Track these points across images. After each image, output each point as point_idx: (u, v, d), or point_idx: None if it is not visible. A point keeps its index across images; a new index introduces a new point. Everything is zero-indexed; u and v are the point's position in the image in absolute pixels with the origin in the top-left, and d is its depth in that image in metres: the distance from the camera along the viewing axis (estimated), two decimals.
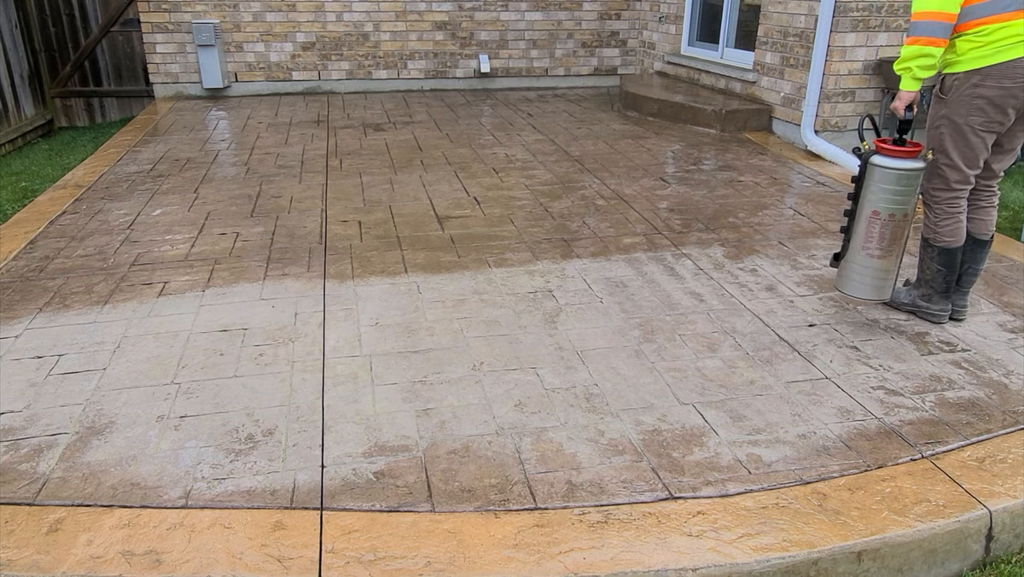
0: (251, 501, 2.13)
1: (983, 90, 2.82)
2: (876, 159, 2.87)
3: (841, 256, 3.07)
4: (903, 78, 2.88)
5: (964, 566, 2.14)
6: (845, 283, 3.08)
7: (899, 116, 2.91)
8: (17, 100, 7.50)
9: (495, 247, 3.99)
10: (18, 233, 4.18)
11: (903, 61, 2.85)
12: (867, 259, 2.97)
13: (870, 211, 2.90)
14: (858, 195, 2.94)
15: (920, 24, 2.77)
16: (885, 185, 2.85)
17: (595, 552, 1.95)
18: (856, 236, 2.97)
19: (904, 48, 2.84)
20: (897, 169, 2.83)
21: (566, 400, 2.63)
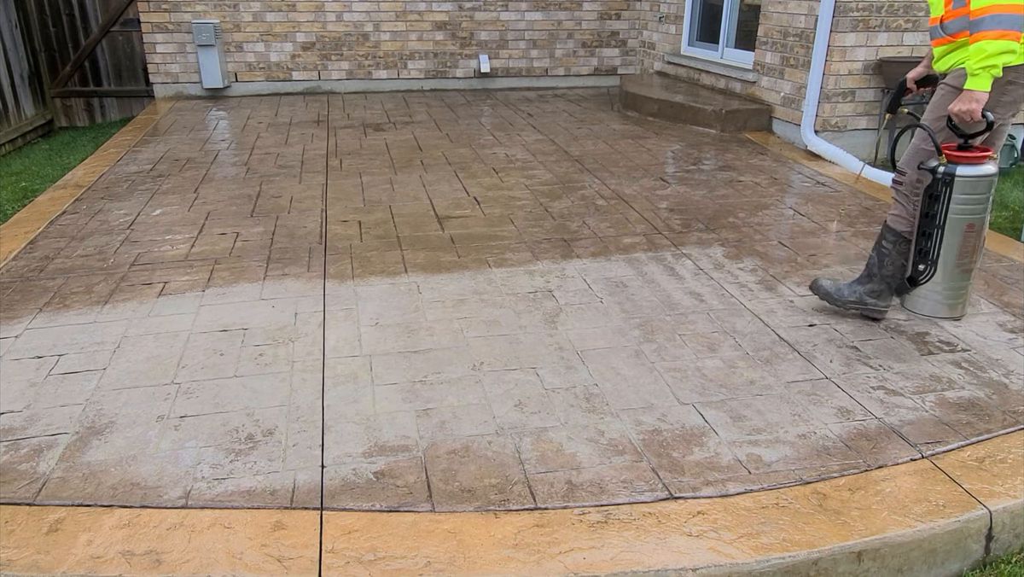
0: (251, 501, 2.13)
1: (1015, 88, 2.78)
2: (964, 170, 2.71)
3: (923, 280, 2.90)
4: (981, 77, 2.65)
5: (964, 566, 2.14)
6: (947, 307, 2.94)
7: (975, 119, 2.71)
8: (17, 100, 7.50)
9: (495, 247, 3.99)
10: (18, 233, 4.18)
11: (990, 57, 2.61)
12: (963, 275, 2.87)
13: (965, 225, 2.77)
14: (941, 211, 2.77)
15: (1006, 17, 2.57)
16: (977, 195, 2.75)
17: (595, 552, 1.95)
18: (950, 253, 2.83)
19: (987, 44, 2.59)
20: (988, 176, 2.74)
21: (566, 400, 2.63)
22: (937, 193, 2.75)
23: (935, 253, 2.83)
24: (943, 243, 2.81)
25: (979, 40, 2.62)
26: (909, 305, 2.98)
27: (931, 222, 2.79)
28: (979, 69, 2.64)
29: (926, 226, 2.80)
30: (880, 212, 4.60)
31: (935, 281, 2.89)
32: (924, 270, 2.85)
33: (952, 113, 2.74)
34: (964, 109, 2.70)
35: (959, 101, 2.72)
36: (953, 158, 2.73)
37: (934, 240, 2.81)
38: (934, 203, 2.76)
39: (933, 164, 2.76)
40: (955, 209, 2.74)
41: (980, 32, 2.61)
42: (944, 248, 2.81)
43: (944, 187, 2.73)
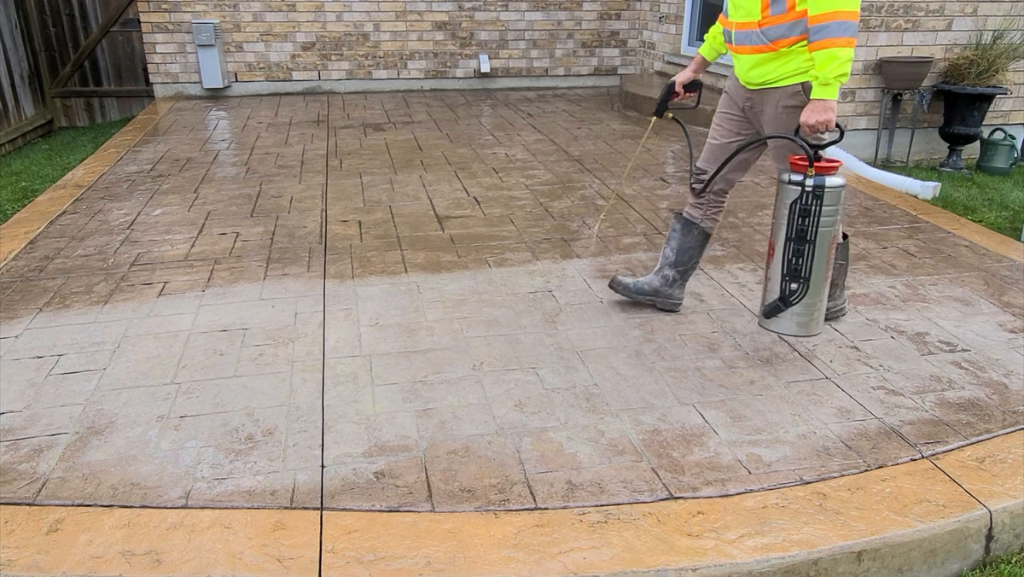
0: (251, 501, 2.13)
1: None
2: (832, 180, 2.57)
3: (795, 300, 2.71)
4: (832, 86, 2.51)
5: (964, 566, 2.14)
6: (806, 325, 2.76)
7: (831, 128, 2.58)
8: (17, 100, 7.50)
9: (495, 247, 3.99)
10: (18, 233, 4.18)
11: (843, 64, 2.48)
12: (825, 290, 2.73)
13: (831, 237, 2.64)
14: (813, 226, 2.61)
15: (851, 24, 2.46)
16: (838, 205, 2.62)
17: (595, 552, 1.95)
18: (819, 269, 2.67)
19: (838, 51, 2.46)
20: (844, 185, 2.63)
21: (566, 400, 2.63)
22: (807, 207, 2.58)
23: (807, 270, 2.66)
24: (815, 259, 2.64)
25: (829, 48, 2.46)
26: (774, 326, 2.81)
27: (802, 239, 2.62)
28: (834, 79, 2.49)
29: (798, 244, 2.62)
30: (880, 212, 4.60)
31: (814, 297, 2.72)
32: (797, 289, 2.68)
33: (807, 126, 2.56)
34: (821, 120, 2.54)
35: (814, 113, 2.54)
36: (820, 170, 2.57)
37: (806, 257, 2.63)
38: (805, 218, 2.59)
39: (799, 178, 2.58)
40: (824, 222, 2.61)
41: (828, 39, 2.45)
42: (816, 264, 2.66)
43: (815, 200, 2.57)
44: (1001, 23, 5.77)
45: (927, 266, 3.80)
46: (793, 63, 2.64)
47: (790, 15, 2.57)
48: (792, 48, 2.62)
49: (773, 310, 2.74)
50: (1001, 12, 5.74)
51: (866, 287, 3.55)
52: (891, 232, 4.28)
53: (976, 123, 5.64)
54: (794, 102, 2.69)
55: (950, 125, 5.71)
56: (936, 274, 3.71)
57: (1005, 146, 5.70)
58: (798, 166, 2.59)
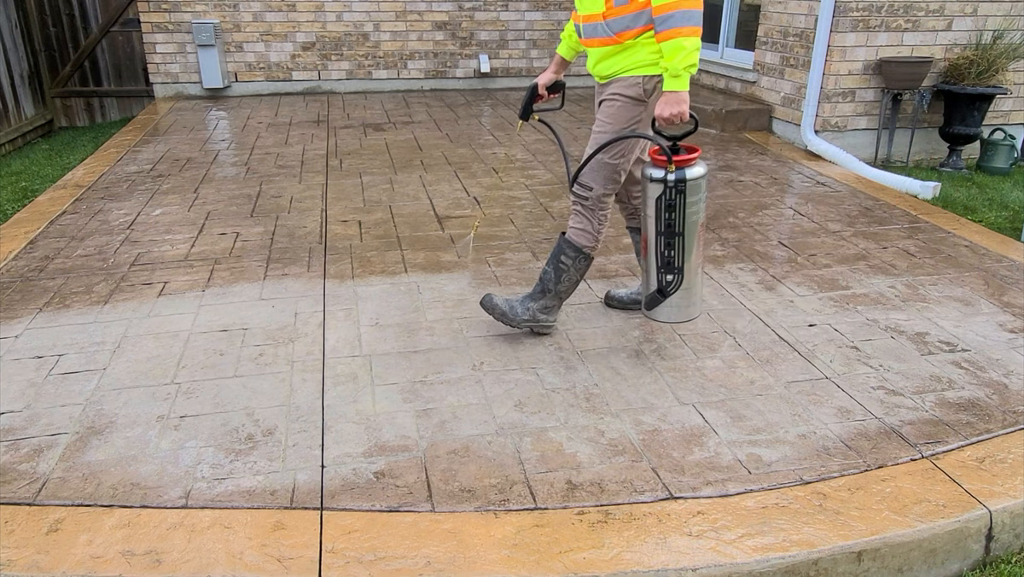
0: (251, 501, 2.13)
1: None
2: (693, 172, 2.59)
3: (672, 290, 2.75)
4: (683, 77, 2.49)
5: (964, 566, 2.14)
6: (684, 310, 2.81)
7: (685, 120, 2.55)
8: (17, 100, 7.50)
9: (495, 247, 3.99)
10: (18, 233, 4.18)
11: (690, 54, 2.44)
12: (698, 276, 2.77)
13: (698, 226, 2.67)
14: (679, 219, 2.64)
15: (695, 13, 2.42)
16: (701, 195, 2.64)
17: (595, 552, 1.95)
18: (693, 257, 2.71)
19: (684, 40, 2.42)
20: (705, 175, 2.64)
21: (566, 400, 2.62)
22: (672, 202, 2.61)
23: (680, 261, 2.70)
24: (685, 248, 2.69)
25: (675, 38, 2.42)
26: (657, 316, 2.83)
27: (671, 231, 2.66)
28: (683, 69, 2.46)
29: (668, 237, 2.66)
30: (880, 212, 4.60)
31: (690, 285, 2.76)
32: (673, 280, 2.72)
33: (662, 118, 2.54)
34: (675, 112, 2.52)
35: (667, 105, 2.51)
36: (680, 163, 2.59)
37: (677, 248, 2.68)
38: (671, 212, 2.63)
39: (661, 173, 2.59)
40: (689, 213, 2.64)
41: (673, 29, 2.42)
42: (688, 254, 2.70)
43: (678, 194, 2.59)
44: (1001, 23, 5.77)
45: (927, 266, 3.80)
46: (639, 55, 2.60)
47: (633, 6, 2.54)
48: (637, 40, 2.58)
49: (652, 302, 2.78)
50: (1001, 12, 5.75)
51: (866, 287, 3.55)
52: (891, 232, 4.28)
53: (976, 123, 5.64)
54: (630, 92, 2.65)
55: (950, 125, 5.71)
56: (936, 274, 3.71)
57: (1005, 146, 5.70)
58: (657, 160, 2.59)
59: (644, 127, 2.73)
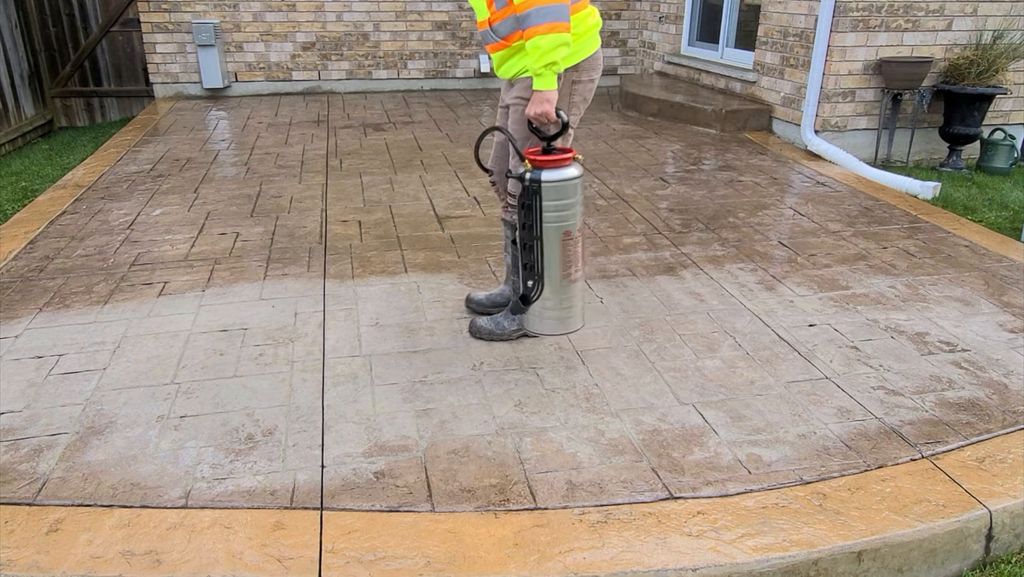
0: (251, 501, 2.13)
1: (581, 86, 2.64)
2: (550, 175, 2.52)
3: (534, 297, 2.65)
4: (545, 76, 2.45)
5: (964, 566, 2.14)
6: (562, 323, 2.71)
7: (551, 120, 2.52)
8: (17, 100, 7.50)
9: (495, 247, 3.99)
10: (18, 233, 4.18)
11: (547, 53, 2.40)
12: (572, 286, 2.67)
13: (562, 233, 2.58)
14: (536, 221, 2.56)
15: (551, 9, 2.37)
16: (566, 200, 2.55)
17: (595, 552, 1.95)
18: (553, 265, 2.61)
19: (540, 39, 2.39)
20: (573, 179, 2.56)
21: (566, 400, 2.63)
22: (529, 202, 2.55)
23: (540, 267, 2.60)
24: (544, 255, 2.60)
25: (532, 37, 2.41)
26: (531, 327, 2.75)
27: (530, 234, 2.58)
28: (542, 68, 2.43)
29: (526, 239, 2.58)
30: (880, 212, 4.60)
31: (545, 297, 2.66)
32: (533, 286, 2.63)
33: (531, 117, 2.53)
34: (539, 112, 2.49)
35: (533, 104, 2.50)
36: (538, 163, 2.53)
37: (536, 253, 2.59)
38: (529, 213, 2.56)
39: (520, 171, 2.54)
40: (549, 217, 2.54)
41: (530, 28, 2.40)
42: (547, 260, 2.60)
43: (534, 195, 2.53)
44: (1001, 23, 5.77)
45: (927, 266, 3.80)
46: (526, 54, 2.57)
47: (510, 8, 2.52)
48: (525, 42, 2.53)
49: (515, 308, 2.72)
50: (1001, 12, 5.75)
51: (866, 287, 3.55)
52: (891, 232, 4.28)
53: (976, 123, 5.64)
54: (527, 95, 2.63)
55: (950, 125, 5.71)
56: (936, 274, 3.71)
57: (1005, 146, 5.70)
58: (532, 160, 2.56)
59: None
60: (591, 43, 2.63)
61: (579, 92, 2.68)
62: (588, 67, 2.65)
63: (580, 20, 2.57)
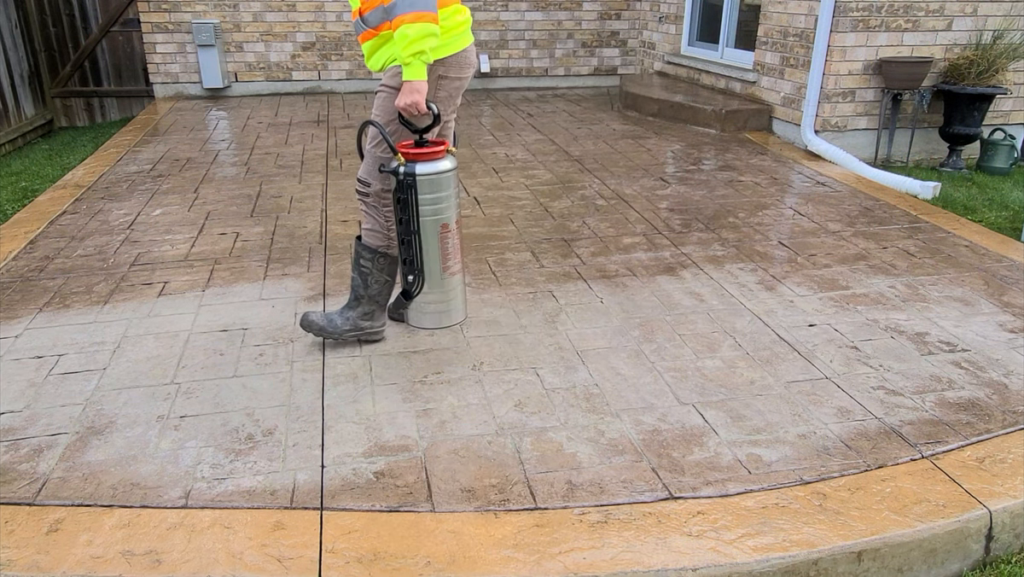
0: (251, 501, 2.13)
1: (448, 82, 2.62)
2: (424, 167, 2.52)
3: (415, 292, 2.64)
4: (414, 65, 2.42)
5: (964, 566, 2.14)
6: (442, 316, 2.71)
7: (421, 111, 2.49)
8: (17, 100, 7.50)
9: (495, 247, 3.99)
10: (18, 233, 4.18)
11: (414, 42, 2.38)
12: (451, 279, 2.67)
13: (439, 226, 2.58)
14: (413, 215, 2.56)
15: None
16: (442, 193, 2.55)
17: (595, 552, 1.95)
18: (433, 259, 2.61)
19: (407, 28, 2.37)
20: (448, 171, 2.56)
21: (566, 400, 2.63)
22: (404, 196, 2.53)
23: (419, 261, 2.61)
24: (423, 249, 2.59)
25: (399, 26, 2.38)
26: (413, 321, 2.73)
27: (407, 228, 2.57)
28: (409, 57, 2.40)
29: (403, 233, 2.57)
30: (880, 212, 4.60)
31: (425, 291, 2.67)
32: (414, 281, 2.63)
33: (400, 109, 2.49)
34: (409, 102, 2.45)
35: (402, 95, 2.46)
36: (411, 156, 2.51)
37: (414, 247, 2.59)
38: (405, 208, 2.54)
39: (394, 166, 2.52)
40: (425, 211, 2.54)
41: (397, 17, 2.38)
42: (426, 254, 2.60)
43: (409, 188, 2.52)
44: (1001, 23, 5.77)
45: (927, 266, 3.80)
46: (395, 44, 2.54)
47: None
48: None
49: (397, 304, 2.68)
50: (1001, 12, 5.75)
51: (866, 287, 3.55)
52: (891, 232, 4.28)
53: (976, 123, 5.64)
54: (393, 83, 2.61)
55: (950, 125, 5.71)
56: (936, 274, 3.71)
57: (1005, 146, 5.70)
58: (405, 154, 2.54)
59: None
60: (459, 40, 2.60)
61: (445, 88, 2.63)
62: (456, 64, 2.61)
63: (447, 16, 2.55)
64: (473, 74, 2.68)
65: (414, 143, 2.53)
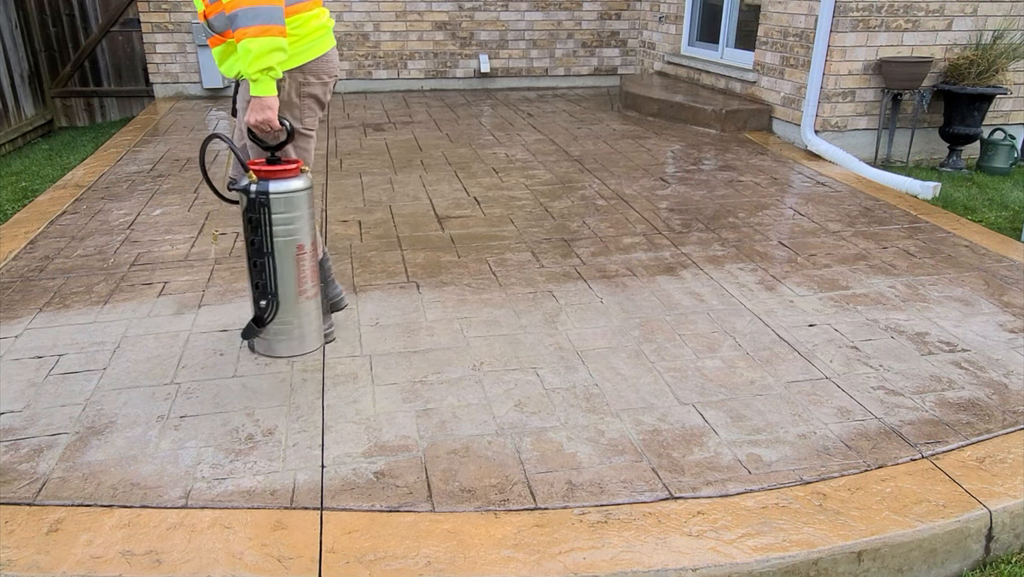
0: (251, 501, 2.13)
1: (309, 89, 2.52)
2: (278, 185, 2.36)
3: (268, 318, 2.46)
4: (262, 81, 2.28)
5: (964, 566, 2.14)
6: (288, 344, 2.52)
7: (274, 128, 2.37)
8: (17, 100, 7.50)
9: (495, 247, 3.99)
10: (18, 233, 4.18)
11: (259, 58, 2.24)
12: (307, 303, 2.50)
13: (294, 247, 2.42)
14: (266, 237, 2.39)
15: (262, 10, 2.21)
16: (295, 213, 2.40)
17: (595, 552, 1.95)
18: (288, 282, 2.44)
19: (250, 42, 2.22)
20: (303, 190, 2.41)
21: (566, 400, 2.62)
22: (256, 216, 2.36)
23: (272, 285, 2.43)
24: (277, 271, 2.43)
25: (242, 39, 2.24)
26: (260, 349, 2.57)
27: (259, 251, 2.40)
28: (256, 73, 2.26)
29: (255, 256, 2.40)
30: (880, 212, 4.60)
31: (279, 317, 2.49)
32: (267, 306, 2.45)
33: (251, 126, 2.35)
34: (260, 120, 2.32)
35: (252, 112, 2.33)
36: (264, 174, 2.36)
37: (268, 270, 2.42)
38: (256, 228, 2.37)
39: (245, 183, 2.36)
40: (279, 231, 2.38)
41: (239, 30, 2.23)
42: (280, 277, 2.43)
43: (262, 208, 2.35)
44: (1001, 23, 5.77)
45: (927, 266, 3.81)
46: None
47: (220, 5, 2.33)
48: None
49: (248, 332, 2.51)
50: (1001, 12, 5.75)
51: (866, 287, 3.55)
52: (891, 232, 4.28)
53: (976, 123, 5.64)
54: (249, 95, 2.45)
55: (950, 125, 5.71)
56: (936, 274, 3.71)
57: (1005, 146, 5.70)
58: (257, 171, 2.38)
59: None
60: (319, 44, 2.50)
61: (308, 96, 2.53)
62: (317, 70, 2.51)
63: (305, 21, 2.44)
64: (336, 81, 2.58)
65: (266, 160, 2.39)
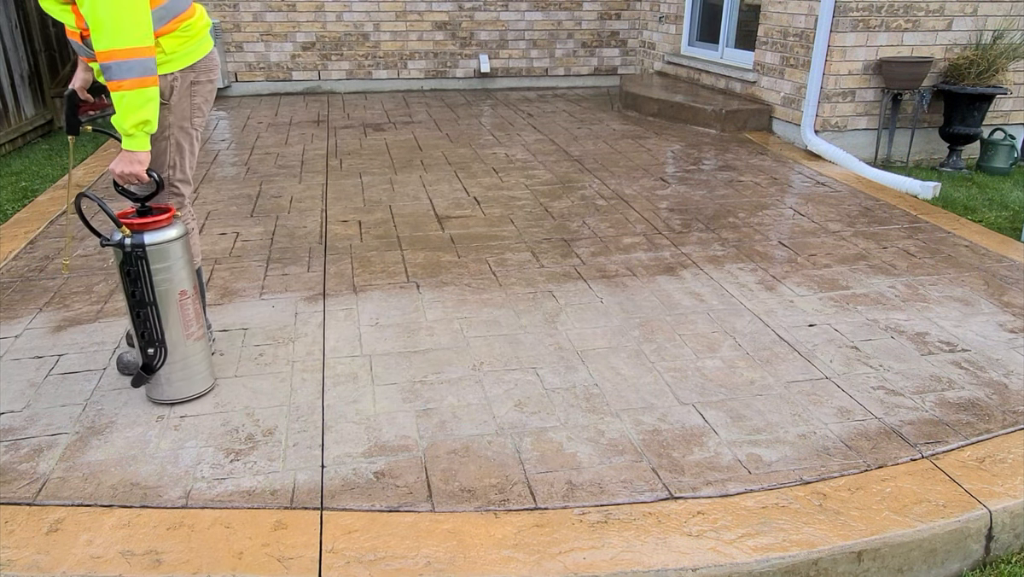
0: (251, 501, 2.13)
1: (200, 87, 2.56)
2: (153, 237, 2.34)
3: (158, 365, 2.47)
4: (136, 137, 2.26)
5: (964, 566, 2.14)
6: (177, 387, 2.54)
7: (143, 181, 2.33)
8: (17, 100, 7.50)
9: (495, 247, 3.99)
10: (18, 233, 4.18)
11: (135, 111, 2.22)
12: (194, 344, 2.53)
13: (177, 294, 2.43)
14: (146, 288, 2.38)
15: (136, 63, 2.18)
16: (174, 261, 2.41)
17: (595, 552, 1.95)
18: (175, 328, 2.46)
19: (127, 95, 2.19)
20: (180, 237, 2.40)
21: (566, 400, 2.62)
22: (135, 269, 2.35)
23: (159, 333, 2.43)
24: (161, 320, 2.43)
25: (118, 91, 2.19)
26: (153, 395, 2.57)
27: (140, 302, 2.38)
28: (132, 128, 2.24)
29: (137, 307, 2.39)
30: (880, 212, 4.60)
31: (174, 360, 2.51)
32: (155, 354, 2.44)
33: (116, 177, 2.30)
34: (128, 172, 2.28)
35: (120, 163, 2.28)
36: (138, 227, 2.32)
37: (152, 320, 2.41)
38: (135, 281, 2.36)
39: (118, 238, 2.32)
40: (160, 281, 2.38)
41: (114, 82, 2.18)
42: (166, 324, 2.44)
43: (139, 260, 2.34)
44: (1001, 23, 5.77)
45: (927, 266, 3.81)
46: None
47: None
48: None
49: (138, 380, 2.50)
50: (1001, 12, 5.75)
51: (866, 287, 3.55)
52: (891, 232, 4.28)
53: (976, 123, 5.64)
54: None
55: (950, 125, 5.71)
56: (936, 274, 3.71)
57: (1005, 146, 5.70)
58: (129, 224, 2.34)
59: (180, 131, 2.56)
60: (205, 43, 2.57)
61: (200, 94, 2.59)
62: (205, 68, 2.58)
63: (191, 25, 2.49)
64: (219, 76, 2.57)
65: (136, 211, 2.36)
